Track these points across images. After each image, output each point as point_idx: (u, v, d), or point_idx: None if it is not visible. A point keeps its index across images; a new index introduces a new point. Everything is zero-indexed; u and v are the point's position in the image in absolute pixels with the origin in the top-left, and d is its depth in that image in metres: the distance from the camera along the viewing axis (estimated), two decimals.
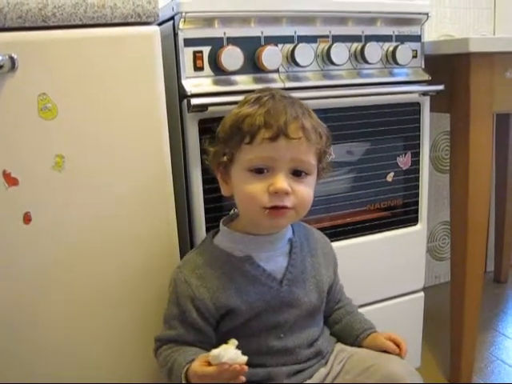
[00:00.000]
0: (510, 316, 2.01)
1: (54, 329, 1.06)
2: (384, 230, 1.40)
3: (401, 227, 1.43)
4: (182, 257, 1.14)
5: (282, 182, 0.92)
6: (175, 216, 1.12)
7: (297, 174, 0.95)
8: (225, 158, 0.98)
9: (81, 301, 1.07)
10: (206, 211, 1.17)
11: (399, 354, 1.03)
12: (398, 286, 1.46)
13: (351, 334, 1.11)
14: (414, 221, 1.45)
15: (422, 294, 1.51)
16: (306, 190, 0.96)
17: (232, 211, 1.18)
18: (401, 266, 1.44)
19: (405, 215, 1.43)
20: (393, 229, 1.41)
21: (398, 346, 1.04)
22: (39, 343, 1.05)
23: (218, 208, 1.18)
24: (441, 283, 2.27)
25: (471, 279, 1.50)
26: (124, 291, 1.10)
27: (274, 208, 0.93)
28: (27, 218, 1.00)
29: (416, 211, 1.45)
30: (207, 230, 1.17)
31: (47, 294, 1.04)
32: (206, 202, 1.17)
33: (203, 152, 1.06)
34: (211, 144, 1.03)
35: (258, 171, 0.94)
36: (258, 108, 0.94)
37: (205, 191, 1.16)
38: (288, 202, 0.93)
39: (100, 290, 1.08)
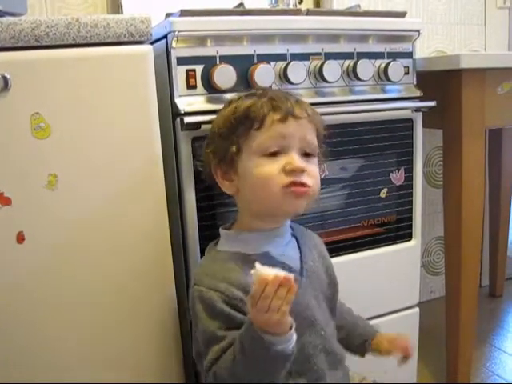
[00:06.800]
0: (505, 330, 2.01)
1: (52, 343, 1.05)
2: (378, 247, 1.40)
3: (395, 243, 1.43)
4: (176, 279, 1.14)
5: (298, 159, 0.92)
6: (169, 236, 1.12)
7: (305, 155, 0.95)
8: (234, 149, 0.95)
9: (75, 329, 1.06)
10: (200, 229, 1.17)
11: (406, 357, 1.05)
12: (393, 302, 1.46)
13: (357, 337, 1.12)
14: (408, 236, 1.45)
15: (417, 309, 1.50)
16: (316, 170, 0.97)
17: None
18: (395, 282, 1.43)
19: (399, 231, 1.43)
20: (387, 245, 1.41)
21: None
22: (37, 354, 1.04)
23: (213, 226, 1.18)
24: (436, 298, 2.27)
25: (466, 294, 1.50)
26: (119, 316, 1.09)
27: (295, 186, 0.91)
28: (21, 238, 0.99)
29: (410, 227, 1.45)
30: (201, 248, 1.16)
31: (43, 313, 1.03)
32: (200, 219, 1.17)
33: (196, 159, 1.05)
34: (208, 146, 1.01)
35: (271, 155, 0.93)
36: (258, 98, 0.95)
37: (199, 209, 1.16)
38: (305, 179, 0.92)
39: (95, 313, 1.07)
